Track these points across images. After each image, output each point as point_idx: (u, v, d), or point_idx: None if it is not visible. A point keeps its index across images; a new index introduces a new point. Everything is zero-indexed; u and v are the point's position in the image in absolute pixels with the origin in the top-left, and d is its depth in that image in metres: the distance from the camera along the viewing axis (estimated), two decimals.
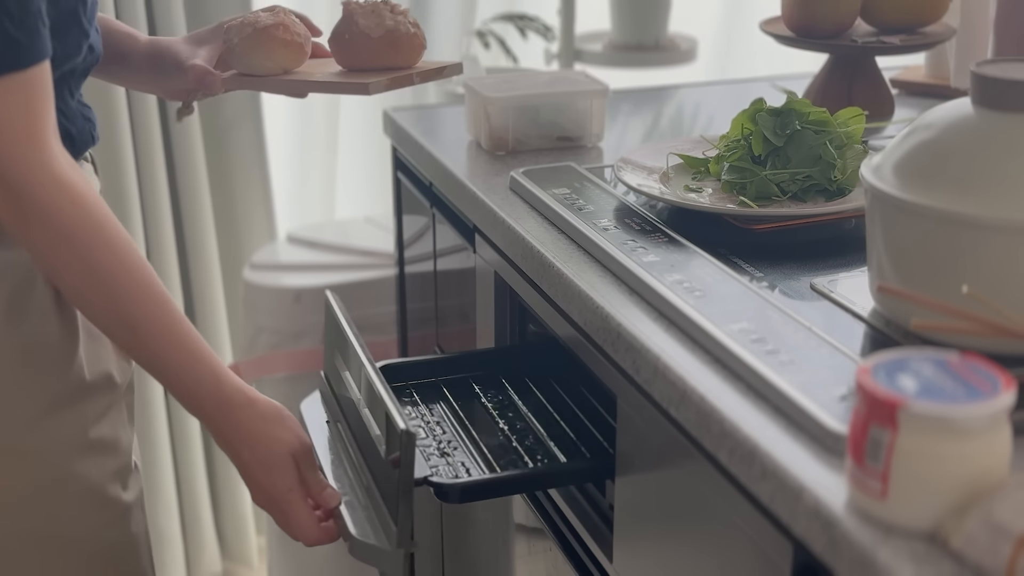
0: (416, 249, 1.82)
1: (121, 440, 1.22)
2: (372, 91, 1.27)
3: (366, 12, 1.31)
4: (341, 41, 1.32)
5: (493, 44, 2.40)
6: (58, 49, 1.09)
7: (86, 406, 1.17)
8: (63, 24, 1.10)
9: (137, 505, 1.25)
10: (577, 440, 1.24)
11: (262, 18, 1.29)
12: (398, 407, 1.09)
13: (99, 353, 1.18)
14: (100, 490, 1.19)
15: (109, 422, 1.20)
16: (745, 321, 1.03)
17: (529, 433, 1.25)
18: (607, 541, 1.18)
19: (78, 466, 1.17)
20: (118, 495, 1.21)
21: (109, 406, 1.20)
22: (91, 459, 1.18)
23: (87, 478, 1.18)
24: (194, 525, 2.45)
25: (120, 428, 1.22)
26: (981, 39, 1.65)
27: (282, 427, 1.13)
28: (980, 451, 0.76)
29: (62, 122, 1.13)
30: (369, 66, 1.31)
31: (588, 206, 1.32)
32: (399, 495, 1.05)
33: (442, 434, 1.25)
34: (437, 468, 1.18)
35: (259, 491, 1.14)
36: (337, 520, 1.14)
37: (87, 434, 1.18)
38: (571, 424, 1.27)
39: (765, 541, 0.89)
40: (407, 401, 1.32)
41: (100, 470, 1.19)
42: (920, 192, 0.95)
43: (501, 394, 1.34)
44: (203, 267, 2.34)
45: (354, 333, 1.23)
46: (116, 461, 1.21)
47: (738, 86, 1.94)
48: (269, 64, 1.29)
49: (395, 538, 1.07)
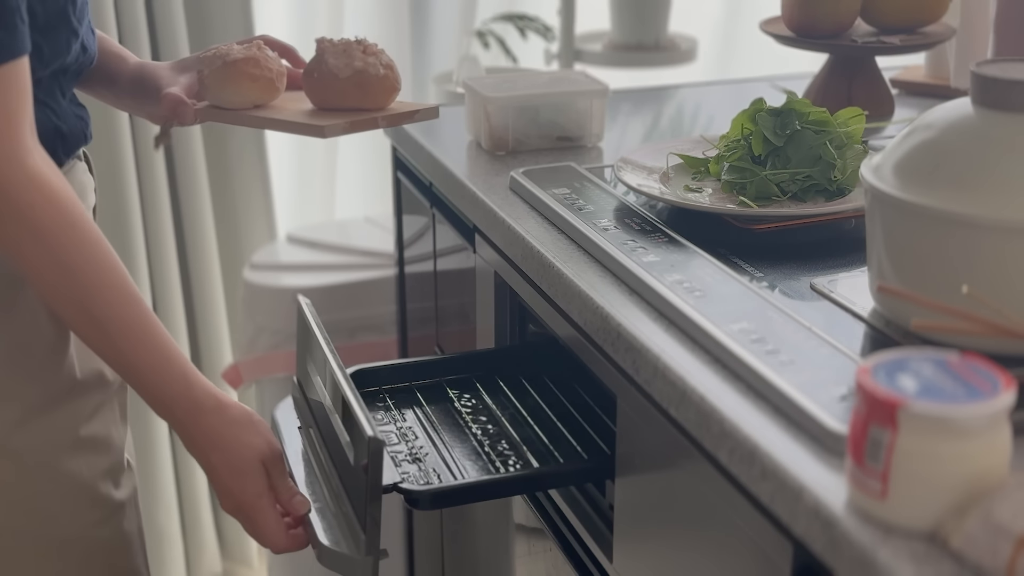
0: (416, 249, 1.82)
1: (113, 438, 1.22)
2: (327, 135, 1.25)
3: (337, 51, 1.29)
4: (311, 79, 1.30)
5: (493, 44, 2.40)
6: (46, 48, 1.09)
7: (77, 404, 1.17)
8: (52, 23, 1.09)
9: (130, 503, 1.25)
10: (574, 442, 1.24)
11: (234, 51, 1.27)
12: (366, 413, 1.08)
13: (90, 351, 1.18)
14: (91, 488, 1.19)
15: (101, 420, 1.20)
16: (745, 321, 1.03)
17: (503, 438, 1.24)
18: (607, 541, 1.18)
19: (69, 464, 1.17)
20: (110, 493, 1.21)
21: (101, 404, 1.20)
22: (82, 457, 1.18)
23: (78, 476, 1.18)
24: (194, 525, 2.45)
25: (112, 426, 1.22)
26: (981, 39, 1.65)
27: (253, 432, 1.12)
28: (980, 451, 0.76)
29: (53, 120, 1.13)
30: (337, 106, 1.29)
31: (588, 206, 1.32)
32: (367, 502, 1.05)
33: (414, 440, 1.24)
34: (409, 474, 1.17)
35: (228, 497, 1.13)
36: (306, 527, 1.13)
37: (78, 432, 1.17)
38: (569, 425, 1.27)
39: (765, 541, 0.89)
40: (380, 406, 1.30)
41: (91, 468, 1.19)
42: (920, 192, 0.95)
43: (475, 398, 1.33)
44: (203, 267, 2.34)
45: (324, 338, 1.22)
46: (108, 459, 1.21)
47: (738, 86, 1.94)
48: (237, 99, 1.28)
49: (363, 546, 1.06)
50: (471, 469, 1.18)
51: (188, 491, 2.42)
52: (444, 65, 2.49)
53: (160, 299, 2.29)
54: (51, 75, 1.12)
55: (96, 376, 1.19)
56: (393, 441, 1.23)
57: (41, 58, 1.09)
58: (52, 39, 1.10)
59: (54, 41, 1.10)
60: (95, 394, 1.19)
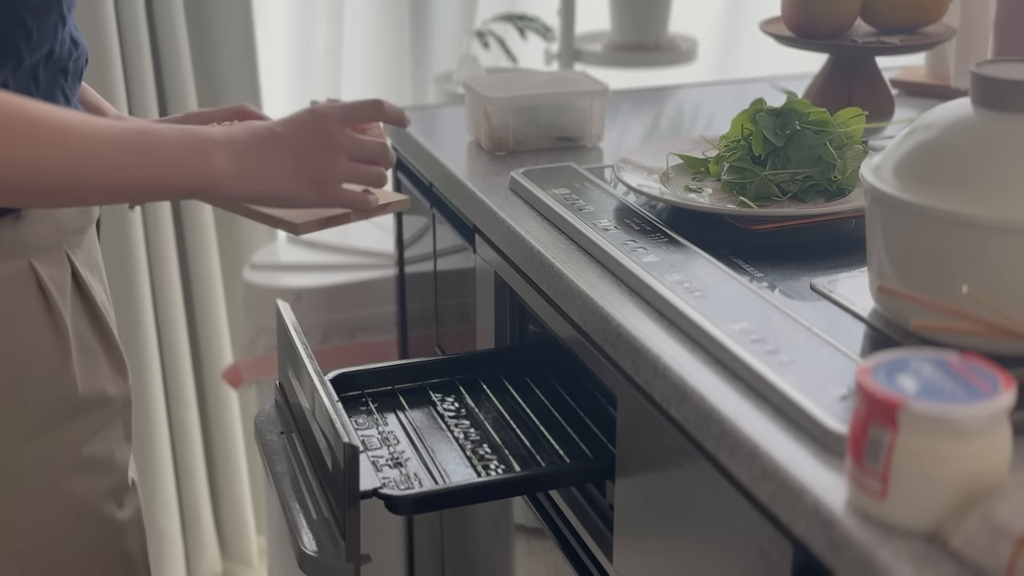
0: (416, 249, 1.82)
1: (116, 458, 1.20)
2: (301, 232, 1.25)
3: None
4: None
5: (493, 44, 2.40)
6: (35, 31, 1.07)
7: (79, 423, 1.15)
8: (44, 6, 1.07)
9: (133, 523, 1.23)
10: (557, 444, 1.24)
11: None
12: (343, 418, 1.07)
13: (93, 369, 1.16)
14: (93, 509, 1.18)
15: (103, 440, 1.18)
16: (745, 321, 1.03)
17: (485, 441, 1.24)
18: (607, 541, 1.18)
19: (70, 485, 1.15)
20: (112, 514, 1.19)
21: (103, 423, 1.18)
22: (83, 477, 1.16)
23: (79, 496, 1.16)
24: (194, 525, 2.45)
25: (115, 446, 1.20)
26: (981, 39, 1.65)
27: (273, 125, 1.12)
28: (980, 451, 0.76)
29: None
30: None
31: (588, 206, 1.32)
32: (345, 508, 1.04)
33: (396, 444, 1.23)
34: (390, 479, 1.16)
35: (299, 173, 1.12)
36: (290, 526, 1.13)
37: (80, 452, 1.16)
38: (566, 426, 1.27)
39: (765, 541, 0.89)
40: (362, 411, 1.29)
41: (93, 489, 1.17)
42: (920, 192, 0.95)
43: (459, 402, 1.32)
44: (203, 267, 2.34)
45: (302, 342, 1.21)
46: (110, 479, 1.19)
47: (738, 86, 1.94)
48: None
49: (343, 552, 1.05)
50: (453, 473, 1.18)
51: (188, 491, 2.42)
52: (444, 65, 2.49)
53: (160, 299, 2.29)
54: (49, 76, 1.10)
55: (98, 395, 1.17)
56: (375, 446, 1.22)
57: (29, 41, 1.06)
58: (42, 23, 1.08)
59: (43, 25, 1.08)
60: (97, 413, 1.17)
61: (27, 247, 1.11)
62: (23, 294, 1.10)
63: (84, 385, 1.15)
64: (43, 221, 1.12)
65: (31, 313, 1.11)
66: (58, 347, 1.13)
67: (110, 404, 1.19)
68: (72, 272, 1.15)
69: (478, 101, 1.58)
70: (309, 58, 2.43)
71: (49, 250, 1.13)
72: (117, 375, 1.20)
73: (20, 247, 1.10)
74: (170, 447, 2.37)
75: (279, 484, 1.17)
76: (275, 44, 2.41)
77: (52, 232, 1.13)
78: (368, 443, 1.22)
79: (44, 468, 1.14)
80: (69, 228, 1.16)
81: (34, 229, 1.12)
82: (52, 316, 1.12)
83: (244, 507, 2.52)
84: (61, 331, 1.13)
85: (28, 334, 1.11)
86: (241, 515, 2.52)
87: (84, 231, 1.20)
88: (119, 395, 1.20)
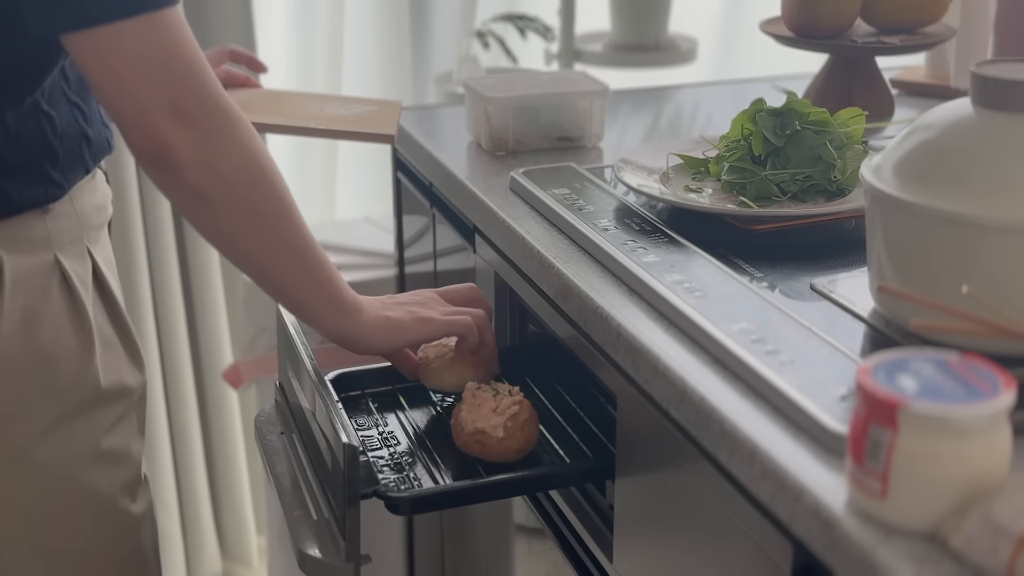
0: (416, 249, 1.82)
1: (132, 451, 1.21)
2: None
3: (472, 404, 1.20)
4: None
5: (493, 44, 2.40)
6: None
7: (99, 416, 1.17)
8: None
9: (146, 518, 1.24)
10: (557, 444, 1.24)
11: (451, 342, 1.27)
12: (343, 418, 1.07)
13: (114, 361, 1.18)
14: (110, 502, 1.19)
15: (121, 433, 1.19)
16: (745, 321, 1.03)
17: None
18: (607, 541, 1.18)
19: (89, 477, 1.16)
20: (127, 507, 1.20)
21: (121, 416, 1.19)
22: (101, 470, 1.17)
23: (97, 489, 1.17)
24: (194, 525, 2.45)
25: (131, 439, 1.21)
26: (981, 39, 1.65)
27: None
28: (980, 451, 0.76)
29: (82, 124, 1.13)
30: None
31: (588, 206, 1.32)
32: (344, 508, 1.05)
33: (396, 444, 1.22)
34: (390, 480, 1.16)
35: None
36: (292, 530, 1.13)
37: (99, 444, 1.17)
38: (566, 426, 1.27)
39: (765, 541, 0.89)
40: (363, 411, 1.29)
41: (110, 482, 1.18)
42: (920, 192, 0.95)
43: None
44: (203, 267, 2.34)
45: (302, 342, 1.21)
46: (127, 473, 1.20)
47: (738, 86, 1.94)
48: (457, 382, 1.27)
49: (343, 552, 1.05)
50: (453, 473, 1.17)
51: (188, 491, 2.42)
52: (444, 65, 2.49)
53: (160, 299, 2.29)
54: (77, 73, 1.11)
55: (119, 387, 1.18)
56: (375, 446, 1.22)
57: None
58: None
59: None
60: (117, 406, 1.18)
61: (52, 241, 1.13)
62: (49, 287, 1.12)
63: (106, 377, 1.17)
64: (67, 216, 1.14)
65: (57, 306, 1.12)
66: (82, 339, 1.14)
67: (129, 396, 1.20)
68: (92, 266, 1.17)
69: (478, 101, 1.58)
70: (309, 58, 2.43)
71: (72, 244, 1.15)
72: (135, 366, 1.22)
73: (46, 241, 1.12)
74: (170, 447, 2.37)
75: (279, 484, 1.18)
76: (275, 44, 2.41)
77: (75, 227, 1.15)
78: (368, 443, 1.22)
79: (65, 460, 1.15)
80: (90, 224, 1.18)
81: (59, 223, 1.13)
82: (76, 309, 1.14)
83: (244, 507, 2.52)
84: (85, 324, 1.14)
85: (54, 326, 1.12)
86: (241, 515, 2.52)
87: (102, 227, 1.22)
88: (137, 386, 1.22)
